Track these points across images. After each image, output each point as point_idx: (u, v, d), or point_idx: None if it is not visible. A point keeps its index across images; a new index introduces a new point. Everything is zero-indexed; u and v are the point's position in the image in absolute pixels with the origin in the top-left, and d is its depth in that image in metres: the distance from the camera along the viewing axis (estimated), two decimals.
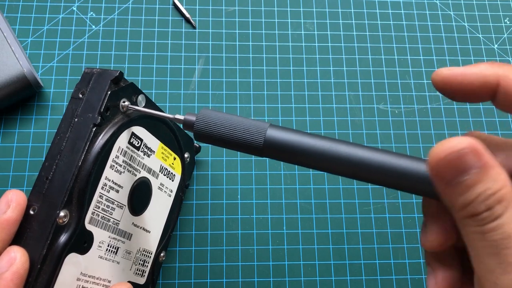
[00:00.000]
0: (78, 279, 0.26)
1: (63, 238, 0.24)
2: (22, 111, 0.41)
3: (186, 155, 0.36)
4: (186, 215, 0.39)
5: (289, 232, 0.39)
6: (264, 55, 0.44)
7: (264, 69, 0.44)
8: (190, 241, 0.38)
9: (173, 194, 0.35)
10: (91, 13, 0.44)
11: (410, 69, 0.45)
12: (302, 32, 0.46)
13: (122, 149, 0.28)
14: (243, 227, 0.39)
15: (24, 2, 0.44)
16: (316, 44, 0.45)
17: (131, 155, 0.29)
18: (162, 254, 0.34)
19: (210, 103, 0.42)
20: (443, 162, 0.17)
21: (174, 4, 0.45)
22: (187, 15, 0.45)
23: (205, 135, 0.24)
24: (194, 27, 0.45)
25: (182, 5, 0.45)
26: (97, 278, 0.27)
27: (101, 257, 0.28)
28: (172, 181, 0.35)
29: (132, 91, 0.28)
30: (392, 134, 0.43)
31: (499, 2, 0.48)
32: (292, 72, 0.44)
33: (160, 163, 0.33)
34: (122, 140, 0.28)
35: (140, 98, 0.29)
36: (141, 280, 0.33)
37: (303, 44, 0.45)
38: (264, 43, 0.45)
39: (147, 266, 0.33)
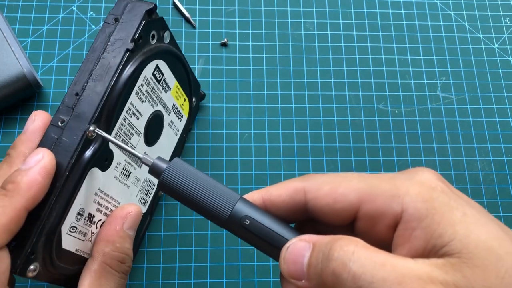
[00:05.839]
0: (96, 194, 0.27)
1: (89, 151, 0.25)
2: (22, 111, 0.41)
3: (193, 99, 0.38)
4: (186, 215, 0.39)
5: None
6: (264, 55, 0.44)
7: (264, 69, 0.44)
8: (190, 241, 0.38)
9: (179, 133, 0.37)
10: (91, 13, 0.44)
11: (410, 69, 0.45)
12: (302, 32, 0.46)
13: (147, 79, 0.29)
14: None
15: (24, 2, 0.44)
16: (316, 44, 0.45)
17: (153, 87, 0.30)
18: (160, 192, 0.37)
19: (210, 103, 0.42)
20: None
21: (174, 4, 0.45)
22: (187, 15, 0.45)
23: (171, 188, 0.22)
24: (194, 27, 0.45)
25: (182, 5, 0.45)
26: (110, 197, 0.29)
27: (116, 178, 0.29)
28: (180, 121, 0.37)
29: (161, 26, 0.30)
30: (392, 134, 0.43)
31: (499, 2, 0.48)
32: (292, 72, 0.44)
33: (173, 101, 0.34)
34: (148, 71, 0.29)
35: (166, 34, 0.31)
36: (143, 209, 0.34)
37: (303, 44, 0.45)
38: (264, 43, 0.45)
39: (149, 196, 0.35)
